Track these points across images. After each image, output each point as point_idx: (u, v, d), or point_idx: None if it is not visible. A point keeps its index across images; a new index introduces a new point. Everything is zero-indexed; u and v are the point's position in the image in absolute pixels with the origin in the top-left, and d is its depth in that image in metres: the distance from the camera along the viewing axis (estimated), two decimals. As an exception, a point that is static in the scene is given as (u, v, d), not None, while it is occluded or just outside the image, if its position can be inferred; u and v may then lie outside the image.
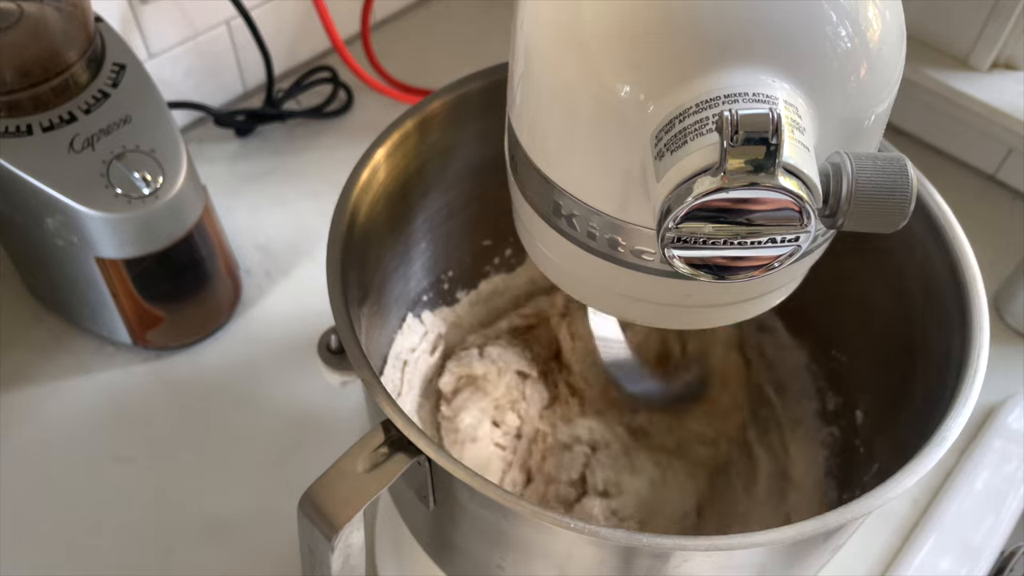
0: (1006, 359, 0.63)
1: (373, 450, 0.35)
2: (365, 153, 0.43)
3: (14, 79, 0.50)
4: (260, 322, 0.63)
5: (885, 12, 0.30)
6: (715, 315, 0.37)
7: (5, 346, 0.62)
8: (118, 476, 0.56)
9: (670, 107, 0.28)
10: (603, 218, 0.32)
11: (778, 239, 0.27)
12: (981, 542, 0.54)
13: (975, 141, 0.72)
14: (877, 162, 0.27)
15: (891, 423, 0.45)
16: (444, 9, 0.85)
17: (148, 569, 0.53)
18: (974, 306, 0.39)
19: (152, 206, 0.52)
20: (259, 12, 0.70)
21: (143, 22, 0.65)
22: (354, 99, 0.76)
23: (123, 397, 0.60)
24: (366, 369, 0.36)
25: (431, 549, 0.44)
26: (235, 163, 0.72)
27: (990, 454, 0.57)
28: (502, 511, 0.34)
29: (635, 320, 0.37)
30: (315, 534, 0.34)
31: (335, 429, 0.58)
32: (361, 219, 0.42)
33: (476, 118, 0.46)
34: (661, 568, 0.35)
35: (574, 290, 0.38)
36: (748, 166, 0.25)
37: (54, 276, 0.59)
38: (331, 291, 0.38)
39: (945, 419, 0.36)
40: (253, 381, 0.60)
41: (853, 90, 0.29)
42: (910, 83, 0.68)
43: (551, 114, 0.32)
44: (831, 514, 0.33)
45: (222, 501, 0.55)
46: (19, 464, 0.56)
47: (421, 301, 0.54)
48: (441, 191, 0.49)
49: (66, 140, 0.51)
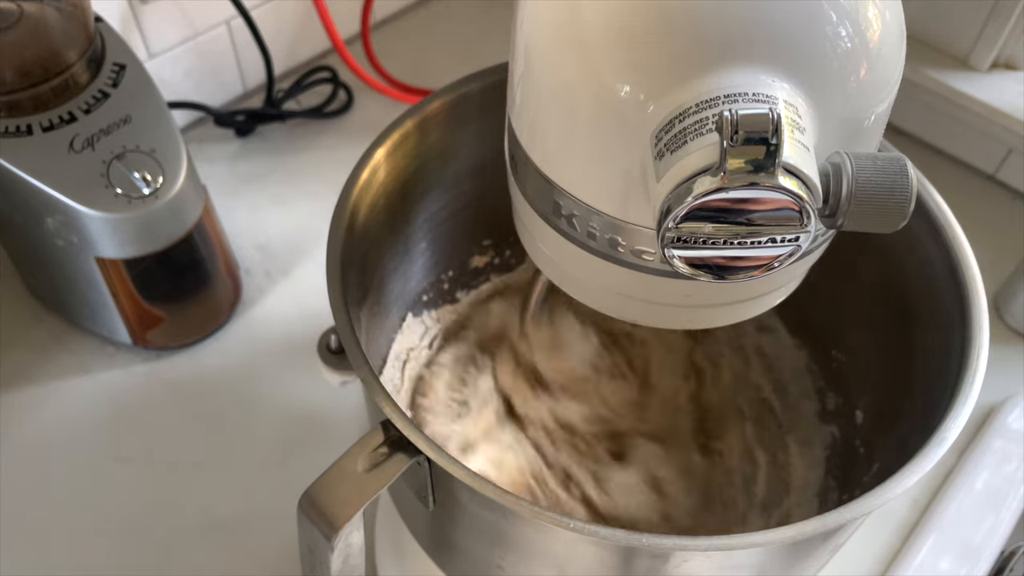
0: (1006, 359, 0.63)
1: (373, 450, 0.35)
2: (365, 153, 0.43)
3: (14, 79, 0.50)
4: (260, 322, 0.63)
5: (885, 12, 0.30)
6: (715, 315, 0.37)
7: (5, 346, 0.62)
8: (118, 476, 0.56)
9: (670, 107, 0.28)
10: (603, 218, 0.32)
11: (778, 239, 0.27)
12: (981, 542, 0.54)
13: (975, 141, 0.72)
14: (877, 162, 0.27)
15: (891, 423, 0.45)
16: (444, 9, 0.85)
17: (148, 569, 0.53)
18: (974, 306, 0.39)
19: (152, 206, 0.52)
20: (259, 12, 0.70)
21: (143, 22, 0.65)
22: (354, 99, 0.76)
23: (123, 397, 0.60)
24: (366, 369, 0.36)
25: (431, 549, 0.44)
26: (235, 163, 0.72)
27: (990, 454, 0.57)
28: (502, 511, 0.34)
29: (635, 320, 0.37)
30: (315, 534, 0.34)
31: (335, 429, 0.58)
32: (361, 219, 0.42)
33: (476, 118, 0.46)
34: (661, 568, 0.35)
35: (574, 290, 0.38)
36: (748, 166, 0.25)
37: (54, 276, 0.59)
38: (331, 291, 0.38)
39: (945, 419, 0.36)
40: (253, 381, 0.60)
41: (853, 90, 0.29)
42: (910, 83, 0.68)
43: (551, 114, 0.32)
44: (831, 514, 0.33)
45: (222, 501, 0.55)
46: (19, 464, 0.56)
47: (421, 301, 0.54)
48: (441, 191, 0.49)
49: (66, 140, 0.51)
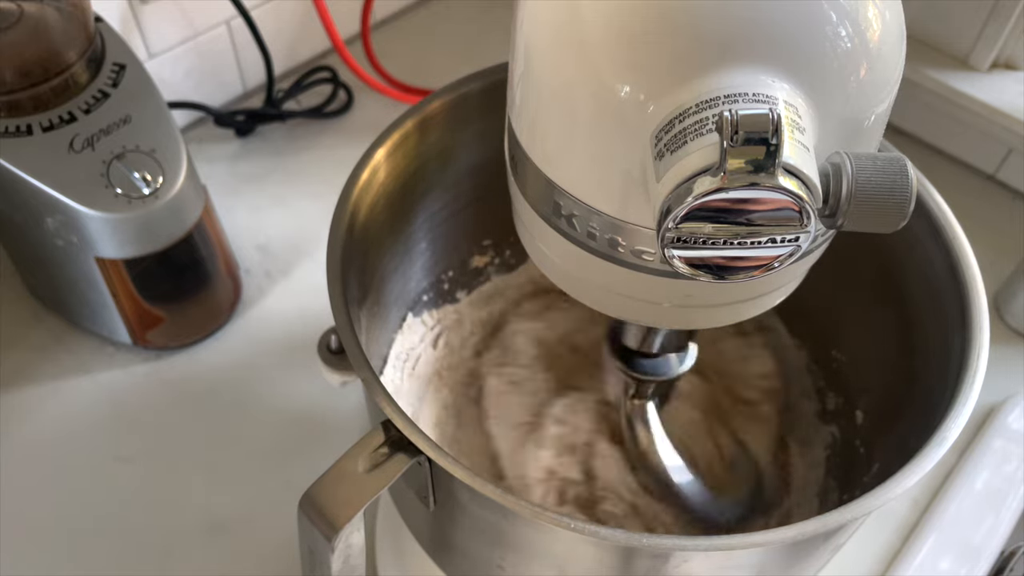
0: (1006, 359, 0.63)
1: (373, 450, 0.35)
2: (365, 153, 0.43)
3: (14, 79, 0.50)
4: (260, 322, 0.63)
5: (885, 12, 0.30)
6: (715, 315, 0.37)
7: (5, 346, 0.62)
8: (118, 476, 0.56)
9: (670, 107, 0.28)
10: (603, 218, 0.32)
11: (778, 239, 0.27)
12: (981, 542, 0.54)
13: (975, 141, 0.72)
14: (877, 162, 0.27)
15: (891, 423, 0.45)
16: (444, 9, 0.85)
17: (148, 569, 0.53)
18: (974, 306, 0.39)
19: (152, 206, 0.52)
20: (259, 12, 0.70)
21: (143, 22, 0.65)
22: (354, 99, 0.76)
23: (123, 397, 0.60)
24: (366, 369, 0.36)
25: (431, 549, 0.44)
26: (235, 163, 0.72)
27: (990, 454, 0.57)
28: (502, 511, 0.34)
29: (635, 320, 0.37)
30: (315, 534, 0.34)
31: (335, 429, 0.58)
32: (361, 219, 0.42)
33: (476, 118, 0.46)
34: (661, 568, 0.35)
35: (574, 290, 0.38)
36: (748, 166, 0.25)
37: (54, 276, 0.59)
38: (331, 291, 0.38)
39: (945, 419, 0.36)
40: (253, 381, 0.60)
41: (853, 90, 0.29)
42: (910, 83, 0.68)
43: (551, 114, 0.32)
44: (831, 514, 0.33)
45: (222, 501, 0.55)
46: (19, 464, 0.56)
47: (421, 301, 0.54)
48: (441, 191, 0.49)
49: (66, 140, 0.51)
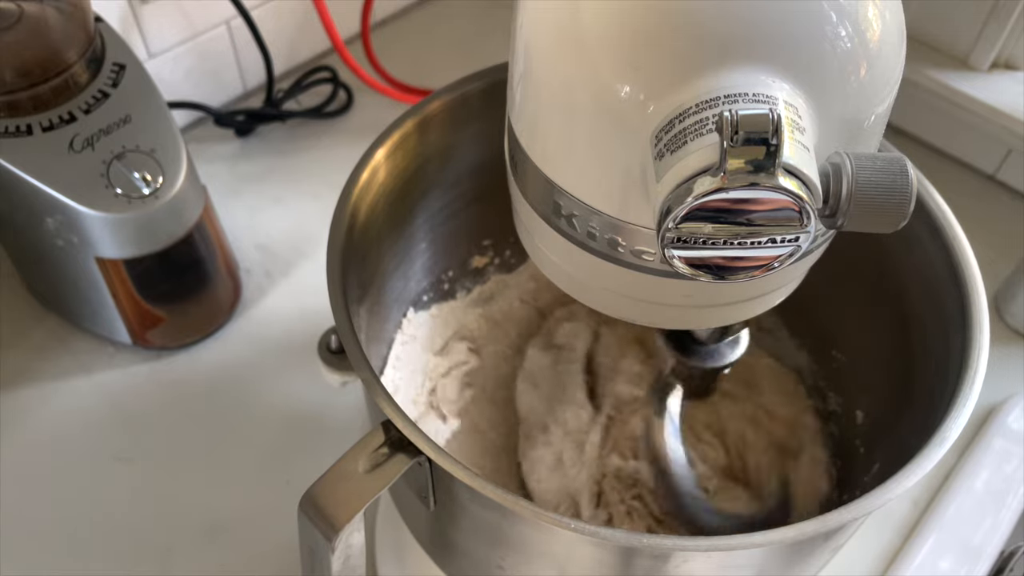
0: (1006, 359, 0.63)
1: (373, 450, 0.35)
2: (365, 153, 0.43)
3: (14, 79, 0.50)
4: (260, 322, 0.63)
5: (885, 12, 0.30)
6: (715, 315, 0.37)
7: (5, 346, 0.62)
8: (118, 476, 0.56)
9: (670, 107, 0.28)
10: (603, 218, 0.32)
11: (778, 239, 0.27)
12: (981, 542, 0.54)
13: (975, 141, 0.72)
14: (877, 162, 0.27)
15: (891, 423, 0.45)
16: (444, 9, 0.85)
17: (148, 569, 0.53)
18: (974, 306, 0.39)
19: (152, 206, 0.52)
20: (259, 12, 0.70)
21: (143, 22, 0.65)
22: (354, 99, 0.76)
23: (123, 397, 0.60)
24: (366, 369, 0.36)
25: (431, 549, 0.44)
26: (235, 163, 0.72)
27: (990, 454, 0.57)
28: (502, 511, 0.34)
29: (635, 320, 0.37)
30: (315, 535, 0.34)
31: (335, 429, 0.58)
32: (361, 219, 0.42)
33: (476, 118, 0.46)
34: (661, 568, 0.35)
35: (574, 290, 0.38)
36: (748, 166, 0.25)
37: (54, 276, 0.59)
38: (331, 291, 0.38)
39: (945, 419, 0.36)
40: (253, 381, 0.60)
41: (853, 90, 0.29)
42: (910, 83, 0.68)
43: (551, 114, 0.32)
44: (831, 514, 0.33)
45: (222, 501, 0.55)
46: (19, 464, 0.56)
47: (421, 301, 0.54)
48: (441, 191, 0.49)
49: (66, 140, 0.51)
